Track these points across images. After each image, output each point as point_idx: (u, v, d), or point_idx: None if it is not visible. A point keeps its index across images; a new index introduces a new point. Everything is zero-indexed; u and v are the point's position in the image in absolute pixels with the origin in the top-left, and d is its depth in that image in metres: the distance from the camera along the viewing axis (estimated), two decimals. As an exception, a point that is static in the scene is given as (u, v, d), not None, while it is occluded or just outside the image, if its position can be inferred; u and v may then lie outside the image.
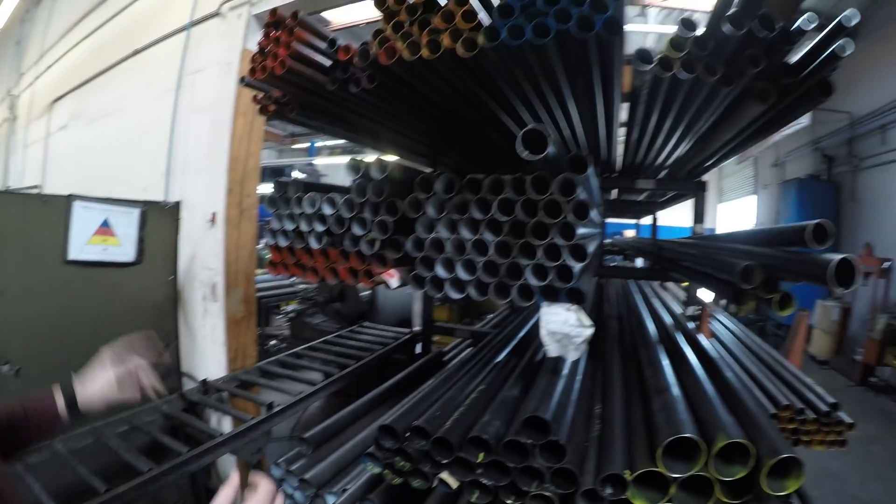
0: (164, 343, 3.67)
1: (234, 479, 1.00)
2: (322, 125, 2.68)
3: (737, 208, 15.26)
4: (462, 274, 1.85)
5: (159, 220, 3.76)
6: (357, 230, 2.06)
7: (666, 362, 2.16)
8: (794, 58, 1.66)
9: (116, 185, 4.60)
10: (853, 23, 1.40)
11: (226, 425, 3.34)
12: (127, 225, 3.57)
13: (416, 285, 1.97)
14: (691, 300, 3.54)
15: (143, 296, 3.72)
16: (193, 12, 4.39)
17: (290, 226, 2.24)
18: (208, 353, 4.02)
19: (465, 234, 1.83)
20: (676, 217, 6.71)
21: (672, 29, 1.61)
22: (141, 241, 3.64)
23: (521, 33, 1.39)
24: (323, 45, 2.05)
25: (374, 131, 2.68)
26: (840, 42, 1.49)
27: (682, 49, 1.54)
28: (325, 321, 6.74)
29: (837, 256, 1.32)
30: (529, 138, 1.44)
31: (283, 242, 2.30)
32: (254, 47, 2.04)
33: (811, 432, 2.34)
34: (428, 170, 2.75)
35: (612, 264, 5.50)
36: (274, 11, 2.01)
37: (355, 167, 2.04)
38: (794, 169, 11.62)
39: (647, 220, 6.60)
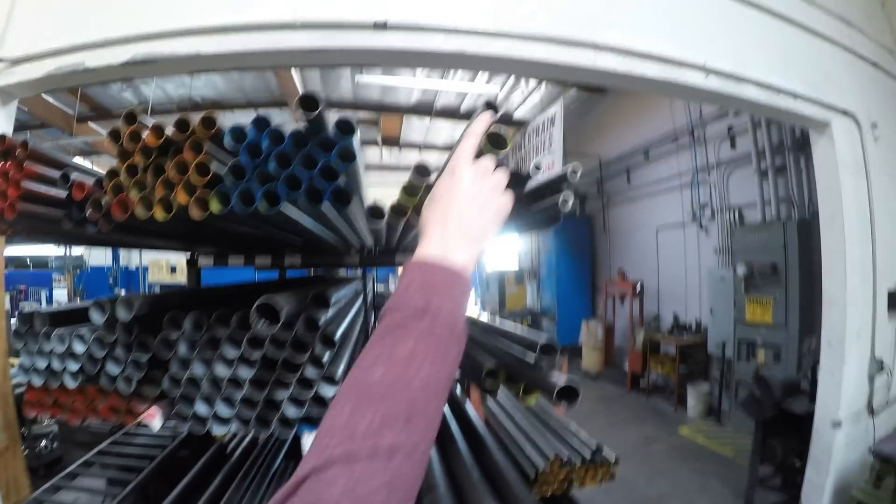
0: None
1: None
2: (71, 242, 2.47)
3: (502, 241, 16.66)
4: (222, 410, 1.89)
5: None
6: (112, 368, 1.97)
7: (434, 452, 2.37)
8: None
9: None
10: (577, 177, 1.63)
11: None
12: None
13: (179, 422, 1.95)
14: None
15: None
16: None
17: (42, 363, 2.06)
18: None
19: (221, 370, 1.88)
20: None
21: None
22: None
23: (251, 199, 1.37)
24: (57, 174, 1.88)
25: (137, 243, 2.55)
26: (563, 195, 1.65)
27: (416, 194, 1.59)
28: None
29: (562, 380, 1.60)
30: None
31: (37, 381, 2.10)
32: None
33: (582, 475, 2.48)
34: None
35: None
36: (3, 139, 1.79)
37: (100, 307, 1.95)
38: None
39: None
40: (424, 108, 10.40)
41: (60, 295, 14.86)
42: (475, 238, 0.75)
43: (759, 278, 6.63)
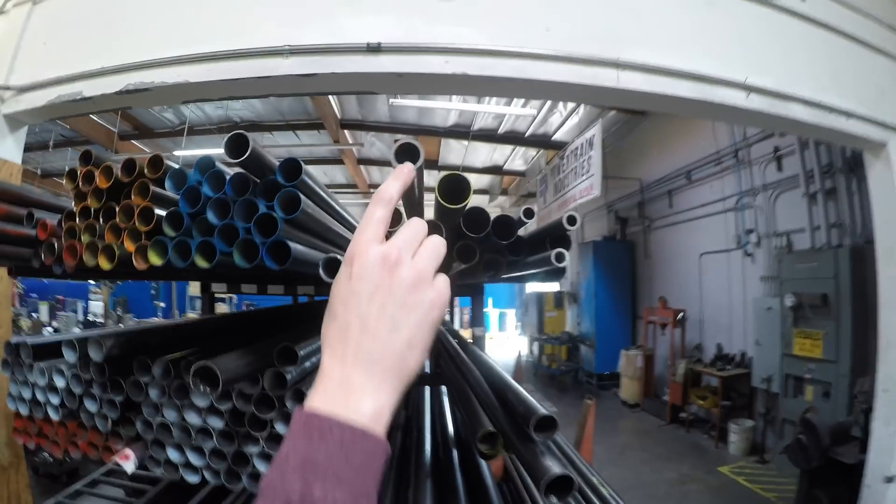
0: None
1: None
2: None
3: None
4: (194, 458, 1.81)
5: None
6: (91, 405, 1.91)
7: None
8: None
9: None
10: (575, 226, 1.50)
11: None
12: None
13: (153, 465, 1.87)
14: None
15: None
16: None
17: (27, 394, 2.05)
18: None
19: (193, 418, 1.79)
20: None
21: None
22: None
23: (188, 252, 1.27)
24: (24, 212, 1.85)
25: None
26: (555, 252, 1.50)
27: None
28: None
29: (556, 471, 1.31)
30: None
31: (23, 410, 2.10)
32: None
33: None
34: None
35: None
36: None
37: (71, 345, 1.87)
38: (591, 229, 12.93)
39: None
40: (462, 130, 10.33)
41: (97, 307, 14.76)
42: (390, 370, 0.52)
43: (808, 310, 6.20)
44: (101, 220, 1.40)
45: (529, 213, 1.51)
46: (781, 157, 7.24)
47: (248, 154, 1.02)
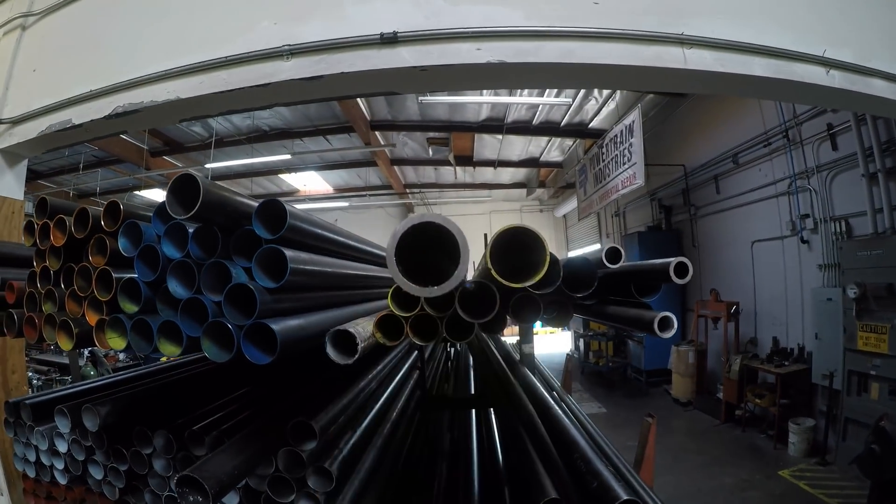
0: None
1: None
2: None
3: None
4: None
5: None
6: (95, 472, 1.81)
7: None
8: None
9: None
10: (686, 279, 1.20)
11: None
12: None
13: None
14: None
15: None
16: None
17: (31, 456, 2.00)
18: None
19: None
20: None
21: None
22: None
23: (149, 334, 1.04)
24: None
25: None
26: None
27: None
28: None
29: None
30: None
31: (30, 472, 2.05)
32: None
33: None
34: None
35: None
36: None
37: (63, 413, 1.74)
38: (634, 218, 12.27)
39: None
40: (495, 124, 10.04)
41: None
42: None
43: (873, 301, 5.66)
44: (62, 283, 1.12)
45: (616, 256, 1.14)
46: (836, 134, 6.64)
47: (199, 204, 0.69)
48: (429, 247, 0.73)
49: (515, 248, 0.75)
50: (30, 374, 6.28)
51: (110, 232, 1.02)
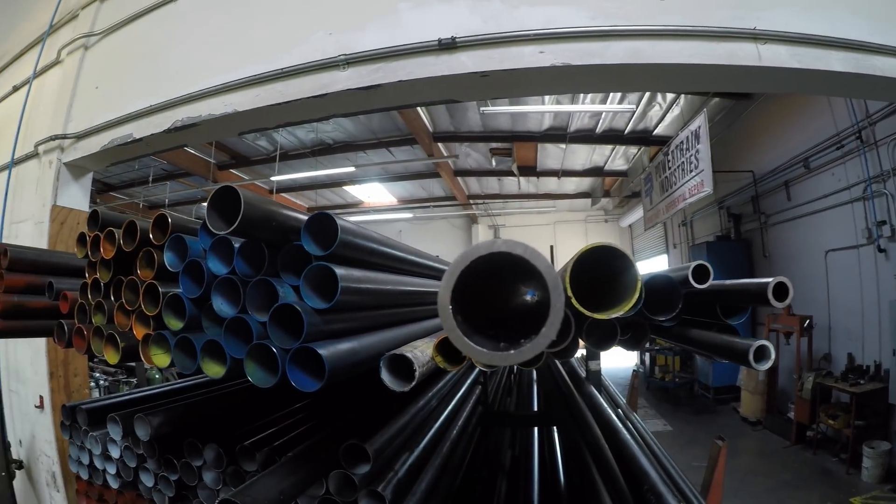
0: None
1: None
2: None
3: (649, 267, 15.47)
4: None
5: (-23, 414, 3.23)
6: (146, 479, 1.81)
7: None
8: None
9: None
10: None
11: None
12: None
13: None
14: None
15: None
16: (16, 147, 3.89)
17: (85, 459, 2.01)
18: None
19: None
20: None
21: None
22: (-41, 442, 3.15)
23: (193, 352, 1.00)
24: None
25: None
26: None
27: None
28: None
29: None
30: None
31: (83, 475, 2.06)
32: (65, 202, 1.69)
33: None
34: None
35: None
36: None
37: (115, 421, 1.76)
38: (702, 227, 11.78)
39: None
40: (558, 133, 9.91)
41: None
42: None
43: (958, 315, 5.20)
44: (111, 295, 1.10)
45: (703, 274, 1.01)
46: (914, 133, 6.21)
47: (239, 218, 0.63)
48: (493, 278, 0.59)
49: (593, 265, 0.65)
50: (97, 374, 6.57)
51: (158, 245, 0.99)
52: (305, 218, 0.81)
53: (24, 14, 4.67)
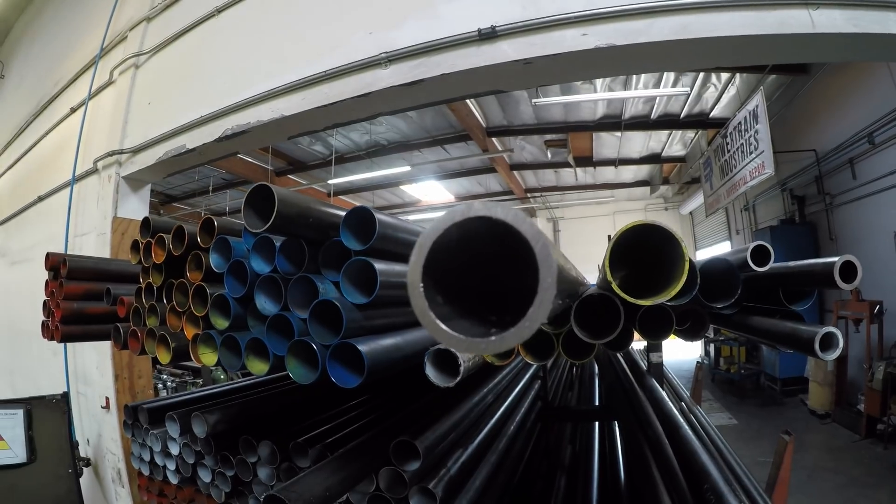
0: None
1: None
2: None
3: (712, 254, 14.99)
4: None
5: (48, 414, 3.50)
6: (204, 475, 1.90)
7: None
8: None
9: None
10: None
11: None
12: (13, 427, 3.35)
13: None
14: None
15: (41, 494, 3.43)
16: (76, 165, 4.15)
17: (146, 456, 2.11)
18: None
19: None
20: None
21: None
22: (31, 440, 3.39)
23: (239, 350, 1.02)
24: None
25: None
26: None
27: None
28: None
29: None
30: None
31: (145, 470, 2.15)
32: (125, 213, 1.80)
33: None
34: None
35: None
36: (48, 256, 1.71)
37: (173, 420, 1.84)
38: (765, 211, 11.32)
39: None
40: (613, 121, 9.80)
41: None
42: None
43: None
44: (164, 298, 1.15)
45: (764, 256, 0.94)
46: None
47: (273, 215, 0.63)
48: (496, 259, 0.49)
49: (640, 247, 0.61)
50: (164, 376, 6.87)
51: (205, 248, 1.02)
52: (343, 213, 0.80)
53: (77, 39, 4.99)
